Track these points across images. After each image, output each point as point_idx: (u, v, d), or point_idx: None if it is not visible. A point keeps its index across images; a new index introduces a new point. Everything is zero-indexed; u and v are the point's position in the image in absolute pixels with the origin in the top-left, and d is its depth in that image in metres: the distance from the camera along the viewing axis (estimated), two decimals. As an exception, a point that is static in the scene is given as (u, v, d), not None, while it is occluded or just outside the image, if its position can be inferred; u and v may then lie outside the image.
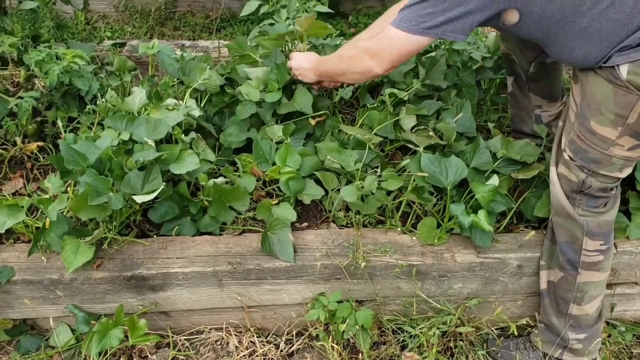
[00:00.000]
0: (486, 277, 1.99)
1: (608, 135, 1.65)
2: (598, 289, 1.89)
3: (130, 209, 1.95)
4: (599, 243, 1.82)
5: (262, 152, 2.15)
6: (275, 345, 2.06)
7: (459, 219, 1.87)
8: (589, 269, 1.85)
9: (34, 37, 2.54)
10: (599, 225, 1.81)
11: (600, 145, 1.68)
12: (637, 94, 1.55)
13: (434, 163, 1.95)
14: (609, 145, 1.67)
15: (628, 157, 1.69)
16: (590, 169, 1.74)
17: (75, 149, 1.84)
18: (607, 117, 1.63)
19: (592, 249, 1.83)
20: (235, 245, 1.94)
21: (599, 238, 1.82)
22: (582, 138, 1.72)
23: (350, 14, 4.10)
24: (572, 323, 1.92)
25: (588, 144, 1.70)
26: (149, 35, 3.92)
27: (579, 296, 1.88)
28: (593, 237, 1.81)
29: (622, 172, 1.74)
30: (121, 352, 1.99)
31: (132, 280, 1.87)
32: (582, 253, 1.83)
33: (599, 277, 1.87)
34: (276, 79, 2.24)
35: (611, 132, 1.64)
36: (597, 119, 1.65)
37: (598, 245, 1.82)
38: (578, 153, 1.75)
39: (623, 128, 1.62)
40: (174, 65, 2.47)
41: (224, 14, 4.07)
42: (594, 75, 1.64)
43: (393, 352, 2.02)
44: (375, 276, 1.95)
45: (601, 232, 1.82)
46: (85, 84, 2.30)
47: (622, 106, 1.59)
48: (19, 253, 1.90)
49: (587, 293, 1.88)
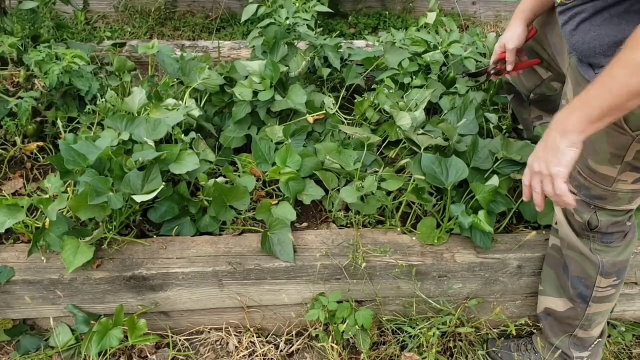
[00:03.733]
0: (486, 277, 1.99)
1: (608, 174, 1.54)
2: (606, 315, 1.87)
3: (130, 208, 1.95)
4: (612, 280, 1.76)
5: (261, 153, 2.15)
6: (275, 345, 2.06)
7: (459, 219, 1.87)
8: (599, 302, 1.81)
9: (34, 37, 2.54)
10: (613, 265, 1.73)
11: (603, 183, 1.57)
12: (630, 135, 1.42)
13: (434, 163, 1.95)
14: (612, 182, 1.55)
15: (634, 190, 1.58)
16: (596, 204, 1.63)
17: (75, 148, 1.85)
18: (603, 156, 1.51)
19: (604, 286, 1.77)
20: (235, 245, 1.94)
21: (613, 276, 1.76)
22: (583, 175, 1.61)
23: (350, 14, 4.09)
24: (576, 343, 1.90)
25: (590, 181, 1.59)
26: (149, 35, 3.91)
27: (587, 324, 1.86)
28: (607, 276, 1.75)
29: (631, 204, 1.63)
30: (121, 352, 1.99)
31: (131, 280, 1.87)
32: (594, 289, 1.78)
33: (608, 306, 1.84)
34: (270, 75, 2.25)
35: (610, 170, 1.53)
36: (594, 158, 1.54)
37: (611, 281, 1.76)
38: (581, 189, 1.64)
39: (622, 166, 1.50)
40: (173, 65, 2.47)
41: (224, 14, 4.07)
42: None
43: (393, 352, 2.02)
44: (375, 276, 1.95)
45: (615, 270, 1.75)
46: (85, 84, 2.30)
47: (617, 147, 1.47)
48: (19, 253, 1.90)
49: (595, 321, 1.85)
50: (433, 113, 2.53)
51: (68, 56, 2.24)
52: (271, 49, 2.45)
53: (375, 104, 2.39)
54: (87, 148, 1.88)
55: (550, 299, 1.93)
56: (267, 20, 2.49)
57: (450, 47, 2.57)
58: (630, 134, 1.42)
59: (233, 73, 2.40)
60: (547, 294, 1.94)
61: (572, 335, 1.89)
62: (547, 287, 1.94)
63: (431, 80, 2.51)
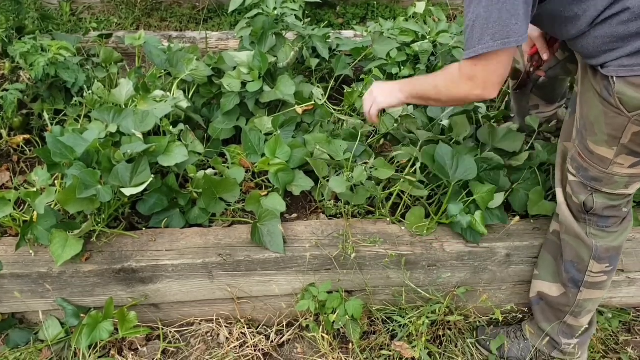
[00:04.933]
0: (475, 266, 2.01)
1: (605, 155, 1.61)
2: (596, 303, 1.90)
3: (118, 201, 1.94)
4: (604, 266, 1.80)
5: (251, 144, 2.15)
6: (265, 336, 2.06)
7: (457, 219, 1.89)
8: (591, 288, 1.84)
9: (19, 28, 2.51)
10: (607, 250, 1.77)
11: (600, 165, 1.63)
12: (626, 115, 1.49)
13: (447, 155, 1.96)
14: (608, 165, 1.62)
15: (631, 174, 1.63)
16: (592, 186, 1.69)
17: (62, 141, 1.83)
18: (600, 137, 1.58)
19: (597, 271, 1.80)
20: (224, 237, 1.94)
21: (606, 261, 1.79)
22: (582, 156, 1.67)
23: (338, 4, 4.08)
24: (565, 330, 1.93)
25: (588, 163, 1.66)
26: (136, 26, 3.88)
27: (577, 311, 1.88)
28: (600, 260, 1.79)
29: (628, 189, 1.68)
30: (111, 344, 1.99)
31: (121, 273, 1.86)
32: (586, 274, 1.81)
33: (600, 294, 1.87)
34: (258, 66, 2.24)
35: (607, 152, 1.59)
36: (593, 139, 1.61)
37: (604, 267, 1.80)
38: (580, 171, 1.70)
39: (618, 148, 1.57)
40: (161, 56, 2.45)
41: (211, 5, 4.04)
42: (589, 91, 1.59)
43: (383, 342, 2.03)
44: (364, 266, 1.96)
45: (608, 256, 1.78)
46: (71, 76, 2.28)
47: (614, 128, 1.54)
48: (7, 247, 1.88)
49: (586, 308, 1.88)
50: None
51: (54, 48, 2.22)
52: (259, 39, 2.44)
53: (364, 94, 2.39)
54: (75, 141, 1.86)
55: (545, 283, 1.96)
56: (255, 10, 2.48)
57: (439, 36, 2.58)
58: (627, 115, 1.49)
59: (221, 64, 2.39)
60: (543, 278, 1.97)
61: (562, 322, 1.92)
62: (542, 271, 1.97)
63: (419, 71, 2.51)
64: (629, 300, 2.24)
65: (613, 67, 1.46)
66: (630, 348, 2.14)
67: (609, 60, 1.47)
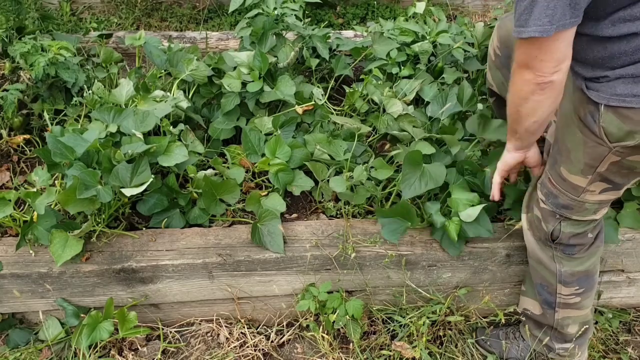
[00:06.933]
0: (475, 266, 2.01)
1: (578, 184, 1.56)
2: (579, 319, 1.86)
3: (118, 201, 1.94)
4: (574, 289, 1.78)
5: (251, 144, 2.15)
6: (265, 336, 2.06)
7: (432, 217, 1.88)
8: (566, 308, 1.83)
9: (19, 28, 2.51)
10: (572, 274, 1.75)
11: (571, 192, 1.59)
12: (607, 145, 1.43)
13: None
14: (580, 193, 1.58)
15: (601, 201, 1.60)
16: (562, 214, 1.65)
17: (62, 141, 1.83)
18: (576, 166, 1.53)
19: (567, 294, 1.79)
20: (224, 237, 1.94)
21: (574, 284, 1.77)
22: (552, 182, 1.63)
23: (338, 4, 4.08)
24: (557, 336, 1.92)
25: (559, 189, 1.61)
26: (136, 26, 3.88)
27: (560, 326, 1.87)
28: (567, 284, 1.77)
29: (596, 214, 1.65)
30: (111, 344, 1.98)
31: (121, 273, 1.86)
32: (557, 296, 1.80)
33: (579, 312, 1.84)
34: (258, 66, 2.24)
35: (581, 180, 1.55)
36: (567, 167, 1.56)
37: (573, 290, 1.78)
38: (549, 197, 1.66)
39: (593, 176, 1.53)
40: (161, 56, 2.45)
41: (212, 5, 4.04)
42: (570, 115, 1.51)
43: (383, 342, 2.03)
44: (365, 266, 1.96)
45: (576, 279, 1.76)
46: (71, 76, 2.28)
47: (592, 157, 1.48)
48: (7, 247, 1.88)
49: (569, 325, 1.86)
50: (420, 103, 2.53)
51: (54, 48, 2.22)
52: (259, 39, 2.44)
53: (364, 95, 2.39)
54: (75, 141, 1.86)
55: (529, 300, 1.96)
56: (255, 10, 2.48)
57: (439, 37, 2.57)
58: (608, 145, 1.43)
59: (221, 64, 2.39)
60: (527, 295, 1.97)
61: (553, 330, 1.90)
62: (527, 288, 1.97)
63: (419, 71, 2.51)
64: (629, 300, 2.24)
65: (604, 94, 1.38)
66: (630, 348, 2.14)
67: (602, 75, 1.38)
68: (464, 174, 1.99)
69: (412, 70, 2.52)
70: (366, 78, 2.41)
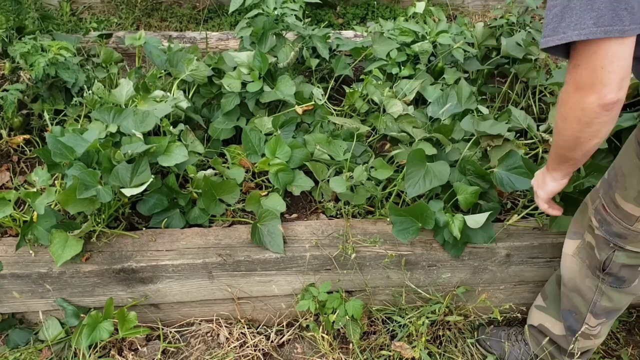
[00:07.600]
0: (475, 266, 2.01)
1: (632, 212, 1.46)
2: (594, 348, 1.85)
3: (118, 201, 1.95)
4: (601, 320, 1.74)
5: (252, 144, 2.15)
6: (265, 336, 2.07)
7: (436, 215, 1.88)
8: (587, 339, 1.79)
9: (19, 28, 2.51)
10: (605, 309, 1.69)
11: (624, 220, 1.49)
12: None
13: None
14: (634, 222, 1.47)
15: None
16: (615, 243, 1.54)
17: (62, 141, 1.83)
18: (630, 193, 1.44)
19: (594, 325, 1.75)
20: (224, 237, 1.94)
21: (602, 317, 1.73)
22: (606, 209, 1.53)
23: (338, 4, 4.08)
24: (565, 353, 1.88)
25: (612, 217, 1.51)
26: (136, 26, 3.88)
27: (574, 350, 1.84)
28: (597, 316, 1.72)
29: None
30: (111, 344, 1.99)
31: (121, 273, 1.86)
32: (583, 325, 1.75)
33: (595, 342, 1.82)
34: (258, 66, 2.24)
35: (635, 209, 1.45)
36: (621, 194, 1.47)
37: (600, 321, 1.74)
38: (603, 224, 1.56)
39: None
40: (161, 56, 2.45)
41: (212, 5, 4.04)
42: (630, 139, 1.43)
43: (383, 342, 2.03)
44: (364, 266, 1.96)
45: (605, 312, 1.72)
46: (71, 76, 2.28)
47: None
48: (7, 247, 1.88)
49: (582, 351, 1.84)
50: (421, 103, 2.54)
51: (54, 48, 2.22)
52: (259, 39, 2.44)
53: (364, 95, 2.39)
54: (75, 141, 1.86)
55: (549, 319, 1.90)
56: (255, 10, 2.48)
57: (439, 37, 2.58)
58: None
59: (221, 64, 2.39)
60: (548, 312, 1.90)
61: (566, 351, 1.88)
62: (550, 305, 1.90)
63: (419, 71, 2.51)
64: (628, 300, 2.24)
65: None
66: (630, 348, 2.14)
67: None
68: (466, 174, 1.99)
69: (412, 70, 2.52)
70: (366, 78, 2.41)
